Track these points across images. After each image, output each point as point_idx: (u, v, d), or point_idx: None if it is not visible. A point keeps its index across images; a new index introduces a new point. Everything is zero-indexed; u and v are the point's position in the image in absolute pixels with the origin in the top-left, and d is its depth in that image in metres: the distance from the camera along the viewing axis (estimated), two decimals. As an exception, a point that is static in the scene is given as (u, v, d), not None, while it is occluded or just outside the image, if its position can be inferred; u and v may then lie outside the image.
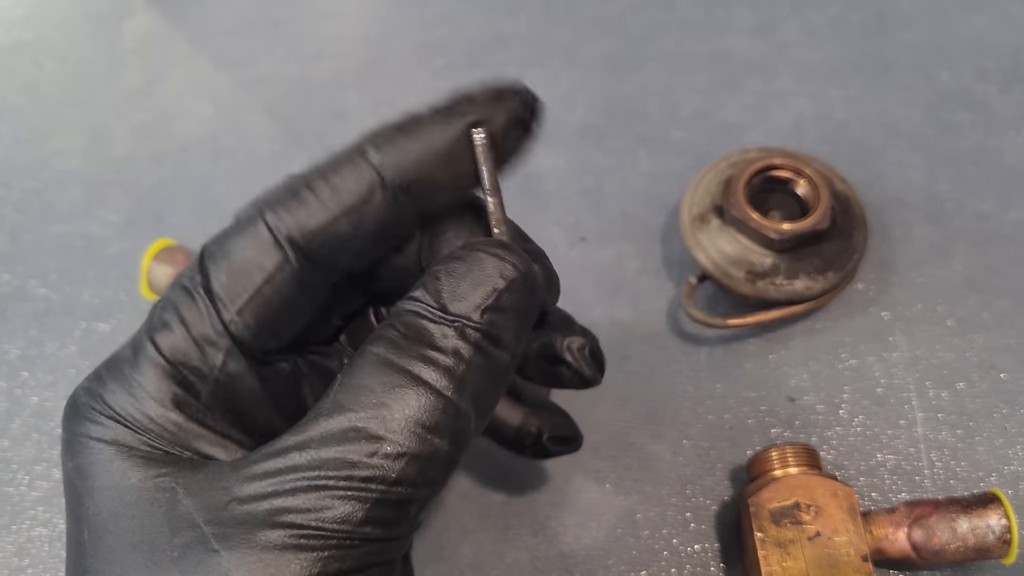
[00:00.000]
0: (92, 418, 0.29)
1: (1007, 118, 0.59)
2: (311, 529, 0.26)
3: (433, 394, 0.27)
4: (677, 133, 0.59)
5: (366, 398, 0.27)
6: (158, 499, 0.28)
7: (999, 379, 0.50)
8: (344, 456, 0.26)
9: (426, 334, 0.28)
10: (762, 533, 0.43)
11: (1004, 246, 0.54)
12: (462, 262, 0.29)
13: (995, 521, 0.43)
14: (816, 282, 0.49)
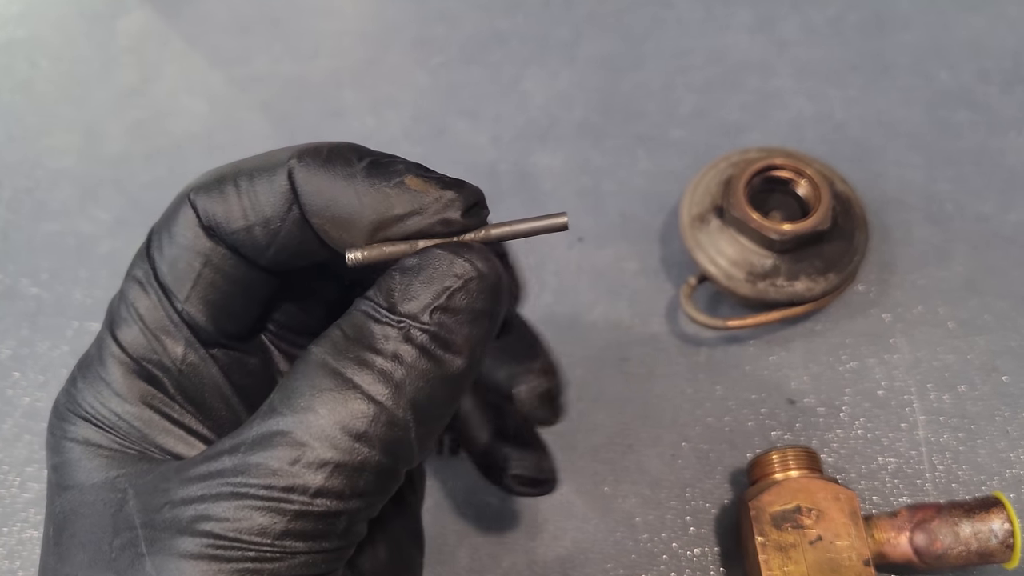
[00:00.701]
0: (67, 418, 0.29)
1: (1008, 119, 0.58)
2: (228, 540, 0.25)
3: (363, 399, 0.25)
4: (676, 132, 0.59)
5: (295, 401, 0.26)
6: (110, 499, 0.27)
7: (1001, 382, 0.50)
8: (266, 463, 0.25)
9: (367, 335, 0.26)
10: (763, 537, 0.42)
11: (1005, 248, 0.54)
12: (417, 259, 0.27)
13: (998, 525, 0.43)
14: (817, 283, 0.49)
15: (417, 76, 0.63)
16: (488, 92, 0.62)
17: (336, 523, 0.26)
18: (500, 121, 0.61)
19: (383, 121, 0.61)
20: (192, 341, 0.29)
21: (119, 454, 0.28)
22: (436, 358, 0.26)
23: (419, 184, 0.27)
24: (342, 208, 0.27)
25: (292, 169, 0.27)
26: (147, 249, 0.29)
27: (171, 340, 0.29)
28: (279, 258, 0.29)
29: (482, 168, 0.58)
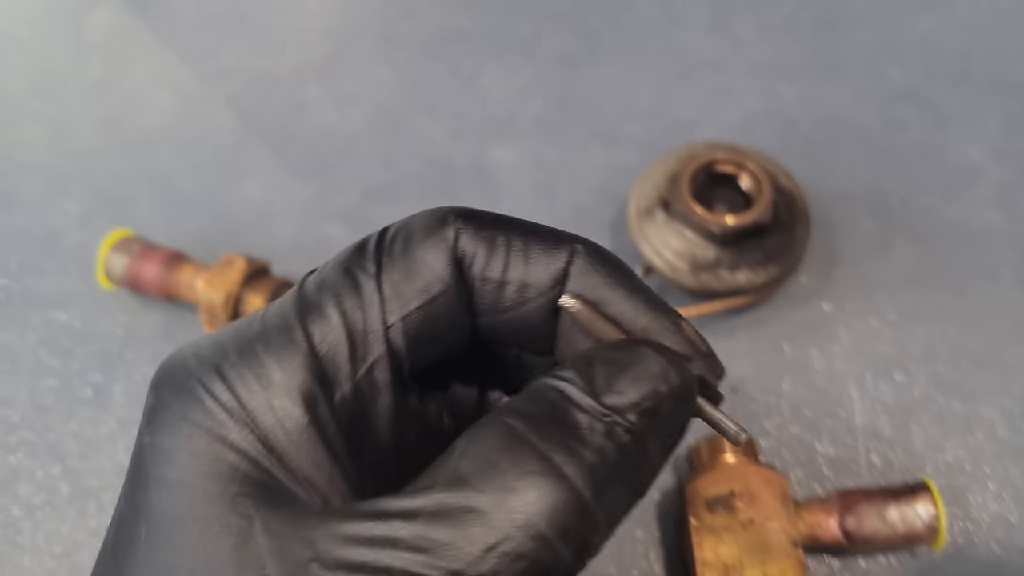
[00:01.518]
0: (197, 394, 0.24)
1: (954, 116, 0.60)
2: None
3: (571, 492, 0.22)
4: (630, 128, 0.60)
5: (493, 477, 0.22)
6: (231, 524, 0.23)
7: (937, 371, 0.52)
8: (455, 543, 0.21)
9: (572, 420, 0.23)
10: (697, 520, 0.44)
11: (945, 241, 0.55)
12: (623, 352, 0.24)
13: (924, 509, 0.44)
14: (758, 275, 0.51)
15: (380, 72, 0.65)
16: (448, 88, 0.64)
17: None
18: (459, 116, 0.62)
19: (345, 115, 0.63)
20: (384, 359, 0.25)
21: (248, 465, 0.24)
22: (634, 461, 0.23)
23: (692, 333, 0.26)
24: (608, 312, 0.26)
25: (574, 252, 0.26)
26: (377, 246, 0.26)
27: (364, 351, 0.25)
28: (503, 328, 0.27)
29: (440, 161, 0.60)
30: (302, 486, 0.24)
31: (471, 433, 0.23)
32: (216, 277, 0.52)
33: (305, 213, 0.59)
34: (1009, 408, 0.50)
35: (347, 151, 0.61)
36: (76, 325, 0.55)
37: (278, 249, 0.57)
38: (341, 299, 0.25)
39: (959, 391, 0.51)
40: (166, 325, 0.55)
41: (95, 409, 0.52)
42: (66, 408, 0.53)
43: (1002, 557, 0.47)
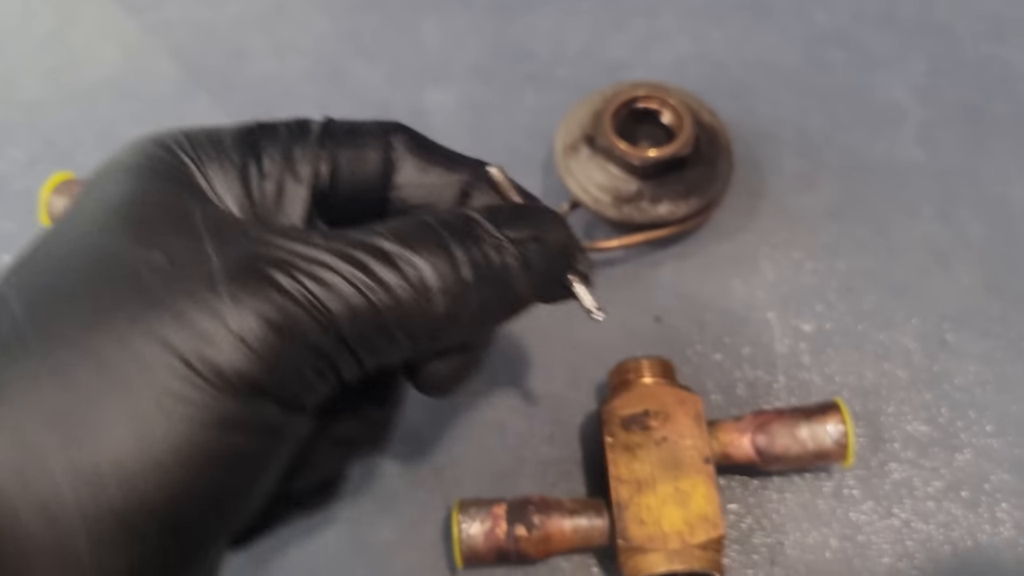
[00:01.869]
0: (158, 139, 0.30)
1: (879, 57, 0.61)
2: (312, 303, 0.26)
3: (455, 269, 0.28)
4: (562, 71, 0.62)
5: (400, 239, 0.28)
6: (179, 209, 0.27)
7: (856, 301, 0.53)
8: (372, 266, 0.27)
9: (473, 232, 0.29)
10: (612, 438, 0.45)
11: (867, 177, 0.57)
12: (525, 208, 0.32)
13: (833, 427, 0.46)
14: (679, 207, 0.52)
15: (320, 21, 0.66)
16: (386, 36, 0.65)
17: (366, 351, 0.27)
18: (396, 63, 0.63)
19: (285, 64, 0.64)
20: (309, 164, 0.31)
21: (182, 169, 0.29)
22: (509, 279, 0.29)
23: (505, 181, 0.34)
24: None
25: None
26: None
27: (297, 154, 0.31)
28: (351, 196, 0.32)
29: (377, 105, 0.61)
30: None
31: (388, 220, 0.29)
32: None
33: (245, 157, 0.60)
34: (925, 335, 0.52)
35: (286, 98, 0.62)
36: (18, 266, 0.57)
37: (218, 192, 0.58)
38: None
39: (877, 320, 0.53)
40: (106, 265, 0.56)
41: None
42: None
43: (910, 474, 0.48)
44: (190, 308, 0.25)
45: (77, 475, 0.23)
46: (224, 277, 0.25)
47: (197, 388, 0.24)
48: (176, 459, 0.24)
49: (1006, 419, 0.50)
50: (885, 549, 0.47)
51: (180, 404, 0.24)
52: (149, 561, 0.24)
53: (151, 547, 0.24)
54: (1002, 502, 0.48)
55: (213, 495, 0.25)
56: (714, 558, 0.43)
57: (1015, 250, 0.54)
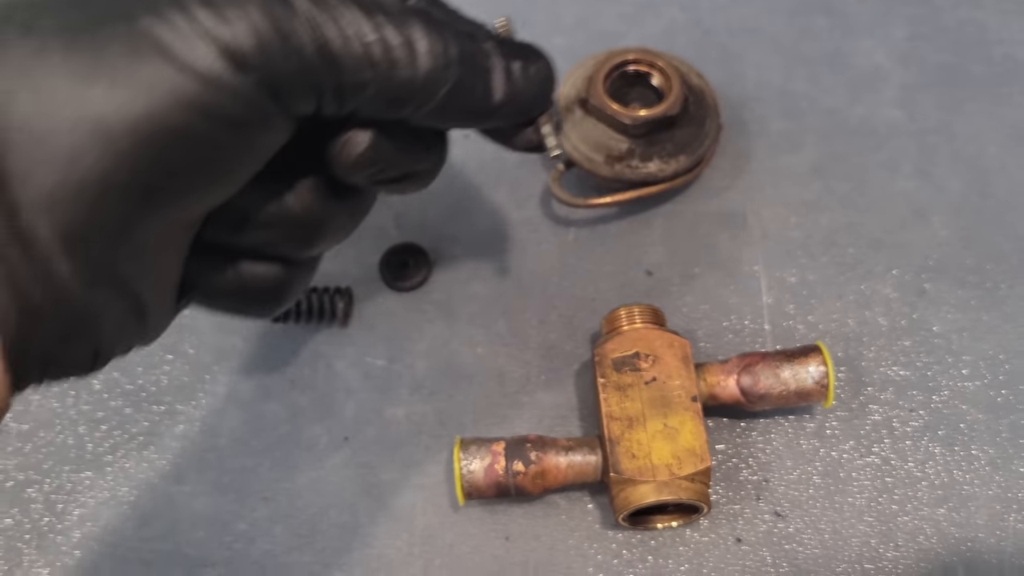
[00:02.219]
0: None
1: (861, 24, 0.64)
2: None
3: (442, 40, 0.31)
4: (559, 40, 0.64)
5: (407, 8, 0.31)
6: None
7: (838, 254, 0.56)
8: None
9: (475, 32, 0.34)
10: (604, 379, 0.48)
11: (849, 137, 0.59)
12: (518, 42, 0.37)
13: (814, 368, 0.48)
14: (668, 165, 0.54)
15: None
16: (389, 7, 0.67)
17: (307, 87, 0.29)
18: (399, 33, 0.66)
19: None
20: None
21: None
22: (494, 76, 0.34)
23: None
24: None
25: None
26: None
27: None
28: None
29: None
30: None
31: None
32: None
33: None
34: (904, 285, 0.55)
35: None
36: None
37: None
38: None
39: (858, 271, 0.55)
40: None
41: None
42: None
43: (889, 415, 0.51)
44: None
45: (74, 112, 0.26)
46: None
47: (197, 49, 0.26)
48: (149, 117, 0.26)
49: (981, 363, 0.52)
50: (865, 485, 0.49)
51: (175, 64, 0.26)
52: (115, 203, 0.26)
53: (117, 193, 0.26)
54: (976, 440, 0.50)
55: (178, 164, 0.27)
56: (701, 490, 0.46)
57: (989, 203, 0.57)
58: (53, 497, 0.51)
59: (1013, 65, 0.62)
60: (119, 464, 0.51)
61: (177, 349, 0.54)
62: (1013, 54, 0.62)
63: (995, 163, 0.58)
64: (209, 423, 0.52)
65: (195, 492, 0.51)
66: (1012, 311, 0.53)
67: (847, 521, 0.49)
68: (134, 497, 0.51)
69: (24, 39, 0.26)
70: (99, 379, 0.53)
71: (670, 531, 0.49)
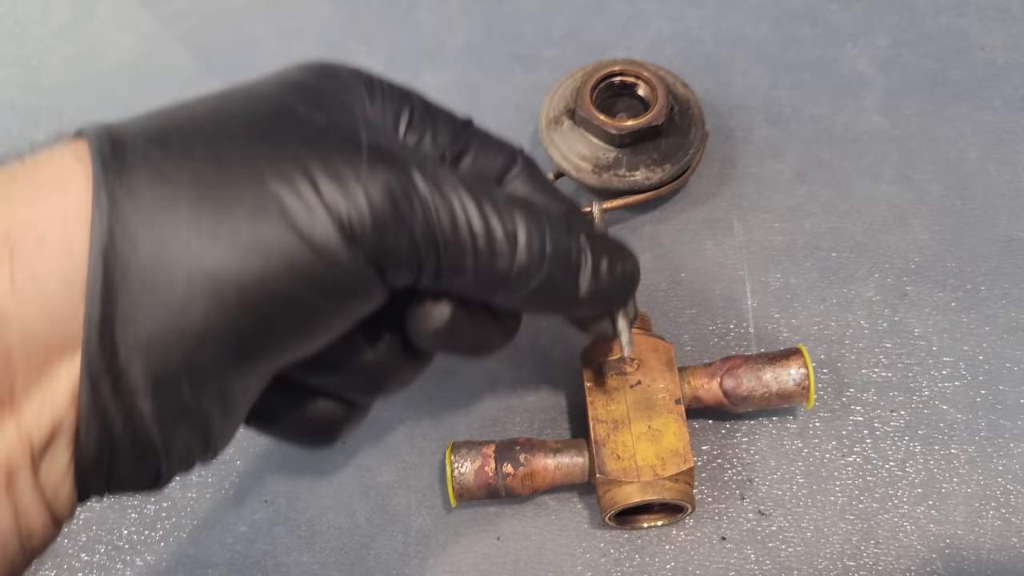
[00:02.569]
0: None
1: (845, 32, 0.65)
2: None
3: (540, 236, 0.33)
4: (549, 52, 0.66)
5: (514, 199, 0.33)
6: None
7: (821, 258, 0.57)
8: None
9: (571, 229, 0.34)
10: (591, 383, 0.49)
11: (833, 143, 0.61)
12: (609, 238, 0.38)
13: (795, 370, 0.50)
14: (655, 173, 0.56)
15: (322, 7, 0.70)
16: (385, 20, 0.69)
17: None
18: (394, 46, 0.68)
19: (291, 49, 0.68)
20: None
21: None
22: (583, 277, 0.35)
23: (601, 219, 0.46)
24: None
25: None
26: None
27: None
28: None
29: (376, 87, 0.65)
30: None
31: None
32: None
33: (253, 137, 0.64)
34: (885, 288, 0.56)
35: (292, 81, 0.67)
36: (46, 240, 0.61)
37: (229, 169, 0.63)
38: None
39: (841, 275, 0.57)
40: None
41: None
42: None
43: (871, 416, 0.52)
44: (336, 157, 0.29)
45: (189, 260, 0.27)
46: (369, 149, 0.29)
47: (317, 219, 0.28)
48: (262, 279, 0.27)
49: (961, 363, 0.54)
50: (847, 484, 0.51)
51: (295, 232, 0.28)
52: (209, 353, 0.28)
53: (214, 345, 0.28)
54: (956, 439, 0.52)
55: (277, 323, 0.28)
56: (685, 490, 0.47)
57: (969, 207, 0.58)
58: (61, 501, 0.52)
59: (994, 70, 0.63)
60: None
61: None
62: (994, 59, 0.63)
63: (975, 167, 0.59)
64: (211, 428, 0.54)
65: (197, 496, 0.52)
66: (991, 312, 0.55)
67: (829, 519, 0.50)
68: (137, 500, 0.52)
69: (157, 185, 0.27)
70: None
71: (656, 530, 0.50)
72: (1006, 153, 0.60)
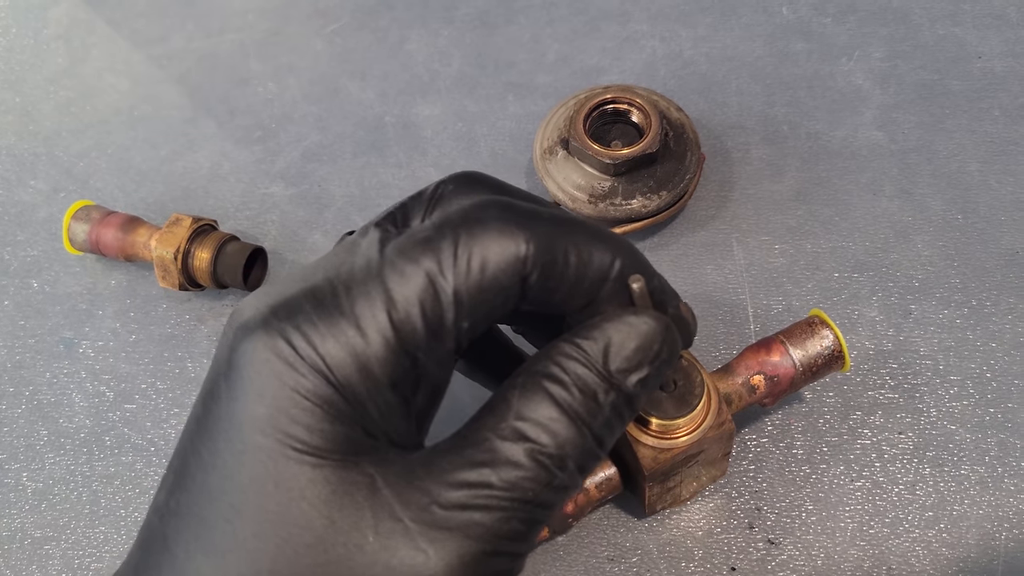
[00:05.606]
0: (282, 354, 0.28)
1: (839, 46, 0.64)
2: (491, 544, 0.29)
3: (595, 444, 0.31)
4: (542, 78, 0.65)
5: (548, 437, 0.30)
6: (354, 480, 0.28)
7: (823, 279, 0.57)
8: (523, 484, 0.29)
9: (592, 388, 0.31)
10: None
11: (831, 161, 0.60)
12: (629, 327, 0.32)
13: (826, 339, 0.47)
14: (651, 201, 0.56)
15: (314, 44, 0.70)
16: (376, 54, 0.69)
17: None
18: (387, 79, 0.68)
19: (284, 86, 0.68)
20: (451, 334, 0.30)
21: (342, 418, 0.28)
22: (624, 417, 0.32)
23: (687, 312, 0.37)
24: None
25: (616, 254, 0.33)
26: (455, 244, 0.30)
27: (437, 325, 0.29)
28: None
29: (370, 121, 0.65)
30: (378, 434, 0.29)
31: (519, 392, 0.31)
32: (166, 235, 0.57)
33: (250, 176, 0.64)
34: (889, 307, 0.55)
35: (286, 118, 0.67)
36: (47, 289, 0.61)
37: (228, 208, 0.63)
38: (422, 260, 0.29)
39: (843, 295, 0.56)
40: (128, 284, 0.61)
41: (68, 361, 0.58)
42: (42, 363, 0.59)
43: (878, 439, 0.52)
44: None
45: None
46: (421, 536, 0.28)
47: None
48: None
49: (968, 382, 0.53)
50: (856, 509, 0.50)
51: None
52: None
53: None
54: (966, 460, 0.51)
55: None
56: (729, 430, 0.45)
57: (972, 221, 0.57)
58: (70, 553, 0.52)
59: (992, 79, 0.62)
60: (132, 519, 0.53)
61: (182, 402, 0.56)
62: (991, 68, 0.63)
63: (976, 179, 0.59)
64: (216, 475, 0.54)
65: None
66: (997, 329, 0.54)
67: (840, 546, 0.49)
68: (147, 550, 0.52)
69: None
70: (110, 436, 0.55)
71: (665, 562, 0.50)
72: (1007, 164, 0.59)
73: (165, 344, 0.58)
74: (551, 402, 0.30)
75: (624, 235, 0.56)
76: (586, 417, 0.30)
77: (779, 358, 0.48)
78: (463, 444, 0.30)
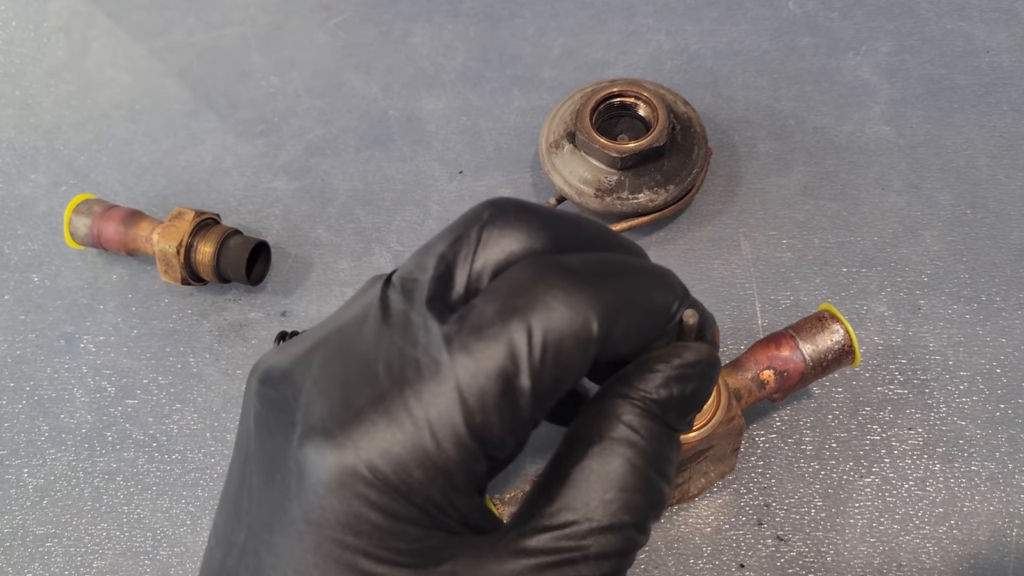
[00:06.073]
0: (358, 473, 0.26)
1: (846, 40, 0.64)
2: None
3: (661, 496, 0.30)
4: (548, 72, 0.65)
5: (630, 515, 0.29)
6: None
7: (832, 274, 0.56)
8: (613, 567, 0.28)
9: (663, 444, 0.29)
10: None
11: (838, 155, 0.60)
12: (691, 369, 0.30)
13: (836, 332, 0.47)
14: (658, 195, 0.55)
15: (317, 37, 0.70)
16: (381, 47, 0.68)
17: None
18: (391, 73, 0.67)
19: (287, 80, 0.68)
20: (529, 427, 0.28)
21: (424, 535, 0.27)
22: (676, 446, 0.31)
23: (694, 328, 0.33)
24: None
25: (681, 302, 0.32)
26: (528, 336, 0.27)
27: (520, 420, 0.27)
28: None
29: (374, 115, 0.65)
30: (460, 530, 0.27)
31: (591, 465, 0.29)
32: (168, 229, 0.57)
33: (253, 169, 0.64)
34: (898, 302, 0.55)
35: (289, 112, 0.66)
36: (48, 284, 0.61)
37: (230, 203, 0.62)
38: (500, 393, 0.26)
39: (851, 290, 0.56)
40: (129, 278, 0.60)
41: (69, 356, 0.58)
42: (43, 358, 0.58)
43: (888, 435, 0.51)
44: None
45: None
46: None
47: None
48: None
49: (978, 377, 0.53)
50: (866, 505, 0.50)
51: None
52: None
53: None
54: (976, 456, 0.51)
55: None
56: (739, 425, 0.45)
57: (981, 215, 0.57)
58: (72, 550, 0.52)
59: (1000, 74, 0.62)
60: (135, 515, 0.53)
61: (185, 397, 0.56)
62: (1000, 62, 0.62)
63: (985, 174, 0.58)
64: (220, 470, 0.53)
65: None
66: (1007, 324, 0.54)
67: (849, 543, 0.49)
68: (151, 547, 0.52)
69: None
70: (111, 432, 0.55)
71: (674, 561, 0.49)
72: (1016, 159, 0.59)
73: (167, 339, 0.58)
74: (632, 471, 0.29)
75: (630, 230, 0.55)
76: (665, 474, 0.29)
77: (789, 353, 0.47)
78: (545, 527, 0.28)
